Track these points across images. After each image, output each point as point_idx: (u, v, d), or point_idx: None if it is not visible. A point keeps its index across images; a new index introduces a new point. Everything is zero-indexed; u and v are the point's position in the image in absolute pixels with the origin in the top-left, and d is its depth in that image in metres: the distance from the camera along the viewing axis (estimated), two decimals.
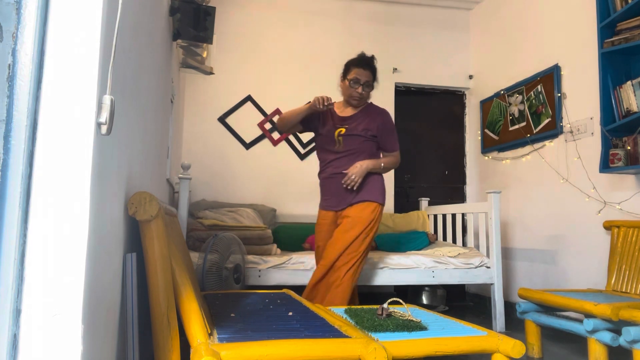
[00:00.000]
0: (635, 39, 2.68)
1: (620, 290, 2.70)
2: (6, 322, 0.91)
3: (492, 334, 1.69)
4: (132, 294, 1.44)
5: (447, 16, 4.86)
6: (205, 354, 1.20)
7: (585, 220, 3.20)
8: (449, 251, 3.37)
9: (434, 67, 4.77)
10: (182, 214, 2.94)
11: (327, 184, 2.73)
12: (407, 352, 1.53)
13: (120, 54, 1.23)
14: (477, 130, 4.63)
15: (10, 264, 0.92)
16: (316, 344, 1.38)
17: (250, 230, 3.14)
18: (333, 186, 2.69)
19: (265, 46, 4.46)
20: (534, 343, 2.60)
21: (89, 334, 1.02)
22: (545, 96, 3.64)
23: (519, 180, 3.97)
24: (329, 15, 4.62)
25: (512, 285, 3.92)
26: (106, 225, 1.19)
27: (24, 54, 0.95)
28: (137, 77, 1.61)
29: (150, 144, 2.08)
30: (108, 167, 1.19)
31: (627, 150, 2.75)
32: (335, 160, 2.68)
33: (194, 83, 4.29)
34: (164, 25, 2.48)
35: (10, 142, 0.93)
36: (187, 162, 3.09)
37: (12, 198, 0.93)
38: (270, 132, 4.40)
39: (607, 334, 2.17)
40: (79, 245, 0.98)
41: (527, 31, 3.96)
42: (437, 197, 4.63)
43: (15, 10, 0.95)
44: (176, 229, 2.12)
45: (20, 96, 0.94)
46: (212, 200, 4.00)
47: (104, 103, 1.03)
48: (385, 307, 1.93)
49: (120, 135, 1.34)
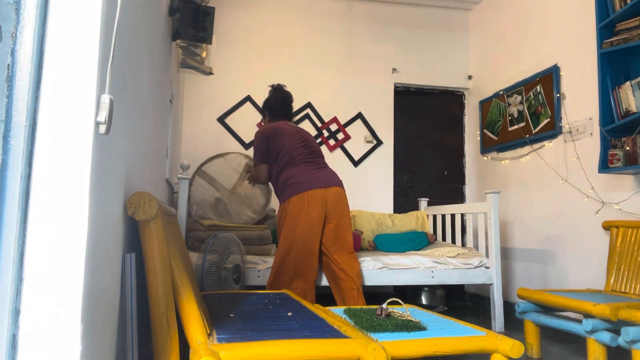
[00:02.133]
0: (634, 39, 2.68)
1: (619, 291, 2.70)
2: (5, 322, 0.91)
3: (491, 334, 1.69)
4: (131, 294, 1.44)
5: (446, 16, 4.86)
6: (204, 354, 1.20)
7: (584, 221, 3.20)
8: (448, 251, 3.37)
9: (433, 67, 4.77)
10: (181, 214, 2.94)
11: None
12: (406, 352, 1.53)
13: (119, 53, 1.23)
14: (476, 131, 4.63)
15: (9, 264, 0.91)
16: (315, 344, 1.38)
17: (249, 231, 3.14)
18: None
19: (264, 46, 4.46)
20: (533, 343, 2.60)
21: (88, 334, 1.02)
22: (545, 96, 3.65)
23: (518, 181, 3.98)
24: (328, 15, 4.62)
25: (511, 285, 3.92)
26: (105, 225, 1.19)
27: (23, 54, 0.95)
28: (136, 77, 1.61)
29: (150, 144, 2.08)
30: (107, 166, 1.19)
31: (626, 151, 2.75)
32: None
33: (193, 83, 4.29)
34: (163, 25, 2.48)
35: (9, 142, 0.93)
36: (186, 162, 3.09)
37: (12, 198, 0.92)
38: None
39: (606, 334, 2.17)
40: (78, 246, 0.98)
41: (526, 32, 3.96)
42: (436, 197, 4.64)
43: (15, 10, 0.95)
44: (175, 229, 2.12)
45: (19, 96, 0.94)
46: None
47: (102, 102, 1.03)
48: (384, 307, 1.93)
49: (119, 135, 1.34)
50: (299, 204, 2.72)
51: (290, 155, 2.86)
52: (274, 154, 2.90)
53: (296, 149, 2.87)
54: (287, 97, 3.14)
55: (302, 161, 2.86)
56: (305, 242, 2.70)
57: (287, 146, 2.87)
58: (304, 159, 2.87)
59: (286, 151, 2.86)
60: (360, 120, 4.57)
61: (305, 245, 2.70)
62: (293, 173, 2.81)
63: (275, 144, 2.89)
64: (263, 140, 2.93)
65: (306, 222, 2.70)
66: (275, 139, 2.90)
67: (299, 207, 2.72)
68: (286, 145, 2.87)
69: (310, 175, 2.81)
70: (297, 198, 2.73)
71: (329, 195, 2.78)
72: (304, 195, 2.73)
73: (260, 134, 2.95)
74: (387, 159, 4.61)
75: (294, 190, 2.76)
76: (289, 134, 2.91)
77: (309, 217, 2.71)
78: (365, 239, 3.71)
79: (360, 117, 4.58)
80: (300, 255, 2.70)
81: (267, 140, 2.91)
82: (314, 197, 2.73)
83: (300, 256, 2.70)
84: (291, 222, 2.72)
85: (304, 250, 2.71)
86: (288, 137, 2.90)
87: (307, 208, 2.71)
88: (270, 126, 2.96)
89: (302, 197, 2.73)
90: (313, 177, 2.80)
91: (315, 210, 2.72)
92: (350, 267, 2.80)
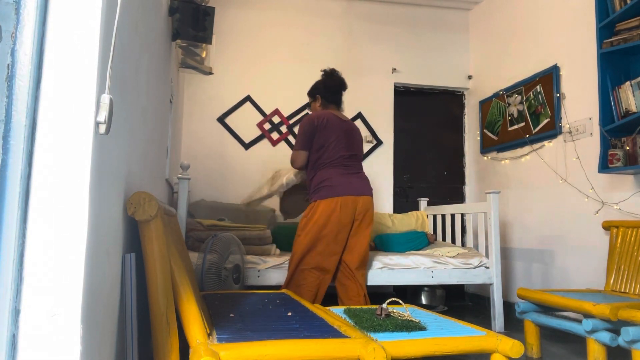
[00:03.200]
0: (634, 39, 2.68)
1: (619, 291, 2.70)
2: (5, 322, 0.91)
3: (491, 334, 1.69)
4: (131, 294, 1.44)
5: (446, 16, 4.86)
6: (204, 354, 1.20)
7: (584, 221, 3.20)
8: (448, 251, 3.37)
9: (433, 67, 4.77)
10: (181, 214, 2.94)
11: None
12: (406, 352, 1.53)
13: (119, 53, 1.23)
14: (476, 131, 4.63)
15: (9, 264, 0.91)
16: (315, 344, 1.38)
17: (249, 231, 3.14)
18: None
19: (264, 46, 4.46)
20: (533, 343, 2.60)
21: (88, 335, 1.02)
22: (544, 96, 3.65)
23: (518, 181, 3.98)
24: (328, 15, 4.62)
25: (511, 285, 3.92)
26: (105, 225, 1.19)
27: (23, 53, 0.95)
28: (136, 77, 1.61)
29: (150, 144, 2.08)
30: (107, 166, 1.19)
31: (625, 151, 2.75)
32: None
33: (193, 83, 4.29)
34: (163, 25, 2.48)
35: (9, 142, 0.93)
36: (186, 162, 3.09)
37: (11, 198, 0.92)
38: (269, 132, 4.40)
39: (606, 334, 2.17)
40: (78, 246, 0.98)
41: (526, 32, 3.96)
42: (436, 197, 4.64)
43: (14, 10, 0.95)
44: (175, 229, 2.11)
45: (19, 96, 0.94)
46: (211, 200, 4.00)
47: (102, 102, 1.03)
48: (384, 307, 1.93)
49: (119, 134, 1.34)
50: (331, 206, 2.77)
51: (330, 154, 2.88)
52: (317, 144, 2.89)
53: (338, 150, 2.90)
54: (342, 82, 3.11)
55: (341, 164, 2.89)
56: (332, 241, 2.77)
57: (331, 144, 2.89)
58: (342, 162, 2.90)
59: (328, 149, 2.88)
60: (360, 120, 4.57)
61: (331, 244, 2.77)
62: (329, 175, 2.84)
63: (321, 136, 2.88)
64: (311, 128, 2.89)
65: (335, 224, 2.76)
66: (323, 131, 2.88)
67: (330, 210, 2.76)
68: (330, 143, 2.88)
69: (345, 179, 2.85)
70: (330, 201, 2.78)
71: (359, 204, 2.83)
72: (337, 200, 2.78)
73: (310, 120, 2.91)
74: (387, 159, 4.61)
75: (328, 193, 2.80)
76: (337, 130, 2.91)
77: (340, 221, 2.77)
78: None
79: (360, 117, 4.58)
80: (324, 253, 2.77)
81: (315, 129, 2.88)
82: (346, 203, 2.78)
83: (323, 254, 2.77)
84: (320, 221, 2.76)
85: (328, 248, 2.77)
86: (335, 133, 2.90)
87: (338, 212, 2.76)
88: (322, 115, 2.92)
89: (335, 201, 2.77)
90: (347, 183, 2.84)
91: (345, 216, 2.78)
92: (360, 274, 2.90)
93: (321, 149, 2.87)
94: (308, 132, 2.89)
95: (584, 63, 3.27)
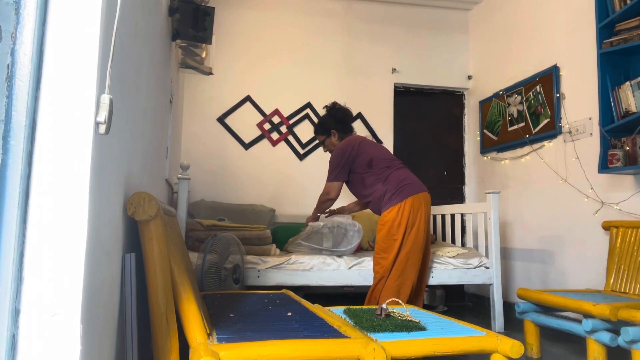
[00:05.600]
0: (634, 39, 2.68)
1: (618, 291, 2.70)
2: (5, 322, 0.91)
3: (491, 334, 1.69)
4: (131, 294, 1.44)
5: (446, 17, 4.86)
6: (204, 354, 1.20)
7: (584, 221, 3.20)
8: (447, 251, 3.37)
9: (433, 67, 4.77)
10: (181, 214, 2.94)
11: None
12: (406, 352, 1.53)
13: (119, 53, 1.23)
14: (476, 131, 4.63)
15: (9, 264, 0.91)
16: (315, 344, 1.38)
17: (249, 231, 3.14)
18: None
19: (264, 46, 4.45)
20: (533, 343, 2.60)
21: (87, 335, 1.02)
22: (544, 96, 3.65)
23: (517, 181, 3.98)
24: (328, 15, 4.62)
25: (511, 285, 3.92)
26: (105, 225, 1.19)
27: (23, 54, 0.95)
28: (136, 77, 1.61)
29: (149, 144, 2.08)
30: (107, 166, 1.19)
31: (625, 151, 2.75)
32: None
33: (193, 83, 4.28)
34: (163, 25, 2.48)
35: (9, 142, 0.93)
36: (186, 163, 3.09)
37: (11, 198, 0.92)
38: (269, 132, 4.40)
39: (605, 334, 2.17)
40: (77, 246, 0.98)
41: (526, 32, 3.96)
42: (436, 197, 4.60)
43: (14, 11, 0.95)
44: (175, 229, 2.11)
45: (19, 96, 0.94)
46: (211, 200, 4.00)
47: (102, 102, 1.03)
48: (384, 307, 1.93)
49: (119, 135, 1.34)
50: (417, 203, 2.82)
51: (387, 158, 2.96)
52: (363, 163, 2.95)
53: (387, 155, 3.00)
54: (348, 111, 3.28)
55: (401, 165, 2.98)
56: (422, 241, 2.83)
57: (379, 153, 2.98)
58: (400, 163, 2.99)
59: (379, 158, 2.95)
60: (360, 120, 4.57)
61: (420, 244, 2.83)
62: (405, 174, 2.92)
63: (364, 156, 2.96)
64: (346, 157, 2.98)
65: (423, 222, 2.82)
66: (363, 148, 2.98)
67: (417, 207, 2.82)
68: (378, 153, 2.97)
69: (415, 177, 2.95)
70: (415, 198, 2.83)
71: (428, 199, 2.94)
72: (420, 196, 2.86)
73: (342, 152, 2.99)
74: None
75: (412, 190, 2.85)
76: (371, 143, 3.07)
77: (426, 217, 2.85)
78: (365, 239, 3.70)
79: (360, 117, 4.58)
80: (417, 256, 2.83)
81: (352, 155, 2.97)
82: (425, 198, 2.90)
83: (417, 257, 2.83)
84: (411, 223, 2.79)
85: (420, 249, 2.84)
86: (372, 146, 3.04)
87: (424, 208, 2.83)
88: (351, 141, 3.03)
89: (419, 197, 2.85)
90: (418, 180, 2.95)
91: (428, 211, 2.87)
92: (422, 273, 3.01)
93: (371, 161, 2.93)
94: (342, 163, 2.98)
95: (583, 63, 3.27)
